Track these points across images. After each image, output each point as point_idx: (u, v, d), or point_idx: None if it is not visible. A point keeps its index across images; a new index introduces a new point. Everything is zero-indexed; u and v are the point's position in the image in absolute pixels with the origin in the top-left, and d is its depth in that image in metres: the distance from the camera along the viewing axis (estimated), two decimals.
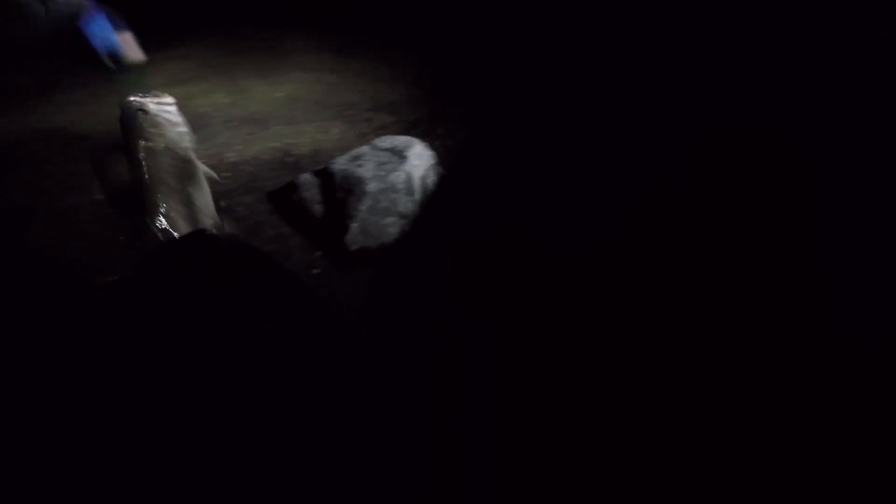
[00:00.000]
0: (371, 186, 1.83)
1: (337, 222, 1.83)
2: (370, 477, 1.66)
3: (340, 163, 1.98)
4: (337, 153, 2.37)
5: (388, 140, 2.13)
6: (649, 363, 2.70)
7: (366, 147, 2.10)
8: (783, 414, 2.49)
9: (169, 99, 2.44)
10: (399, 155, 2.00)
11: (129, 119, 2.31)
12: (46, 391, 2.35)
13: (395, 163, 1.96)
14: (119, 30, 3.34)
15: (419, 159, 2.03)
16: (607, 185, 3.45)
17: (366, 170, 1.89)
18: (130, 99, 2.38)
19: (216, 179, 2.34)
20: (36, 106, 3.94)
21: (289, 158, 2.66)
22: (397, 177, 1.88)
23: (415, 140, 2.14)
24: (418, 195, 1.90)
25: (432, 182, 2.01)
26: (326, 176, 1.97)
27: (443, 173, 2.02)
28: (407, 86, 3.85)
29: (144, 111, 2.28)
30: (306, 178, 2.06)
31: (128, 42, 3.38)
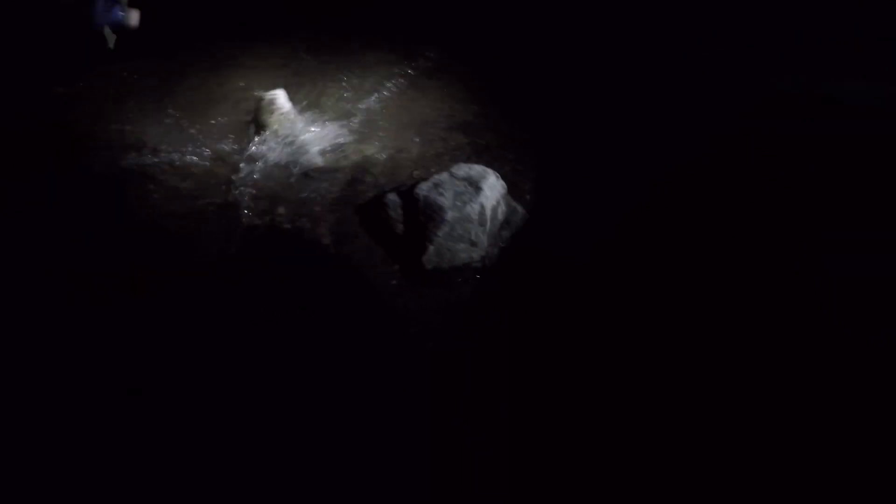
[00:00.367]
0: (449, 215, 2.00)
1: (416, 242, 2.03)
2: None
3: (424, 189, 2.12)
4: (417, 171, 2.68)
5: (465, 169, 2.27)
6: (646, 358, 2.72)
7: (445, 174, 2.26)
8: (782, 409, 2.47)
9: (281, 92, 3.71)
10: (475, 186, 2.13)
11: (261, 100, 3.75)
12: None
13: (471, 194, 2.09)
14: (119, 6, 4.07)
15: (492, 191, 2.16)
16: (610, 187, 3.49)
17: (445, 199, 2.03)
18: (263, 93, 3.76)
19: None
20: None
21: (372, 171, 2.88)
22: (472, 208, 2.03)
23: (489, 171, 2.30)
24: (489, 225, 2.07)
25: (502, 213, 2.21)
26: (410, 199, 2.12)
27: (512, 205, 2.36)
28: (479, 104, 3.90)
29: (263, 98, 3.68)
30: (392, 199, 2.22)
31: (131, 15, 4.07)
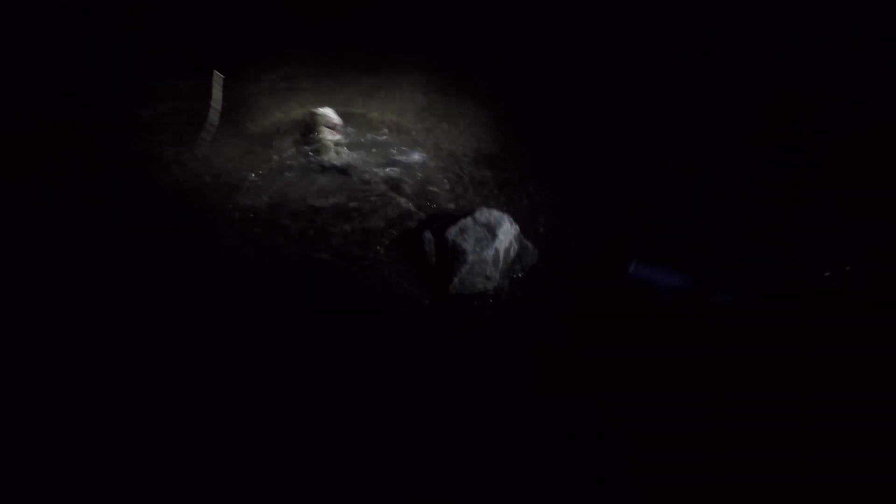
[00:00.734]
0: (470, 258, 2.64)
1: (445, 274, 2.67)
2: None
3: (452, 234, 2.72)
4: (450, 204, 3.24)
5: (486, 215, 2.80)
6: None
7: (469, 220, 2.80)
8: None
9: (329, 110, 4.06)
10: (492, 232, 2.70)
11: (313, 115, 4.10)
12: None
13: (488, 240, 2.67)
14: None
15: (505, 235, 2.73)
16: (614, 223, 3.55)
17: (468, 244, 2.66)
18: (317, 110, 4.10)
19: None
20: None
21: (413, 202, 3.33)
22: (488, 253, 2.66)
23: (504, 218, 2.82)
24: (501, 264, 2.69)
25: (514, 251, 2.80)
26: (442, 240, 2.75)
27: (524, 243, 2.91)
28: (505, 136, 4.13)
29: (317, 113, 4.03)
30: (428, 237, 2.83)
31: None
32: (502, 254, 2.66)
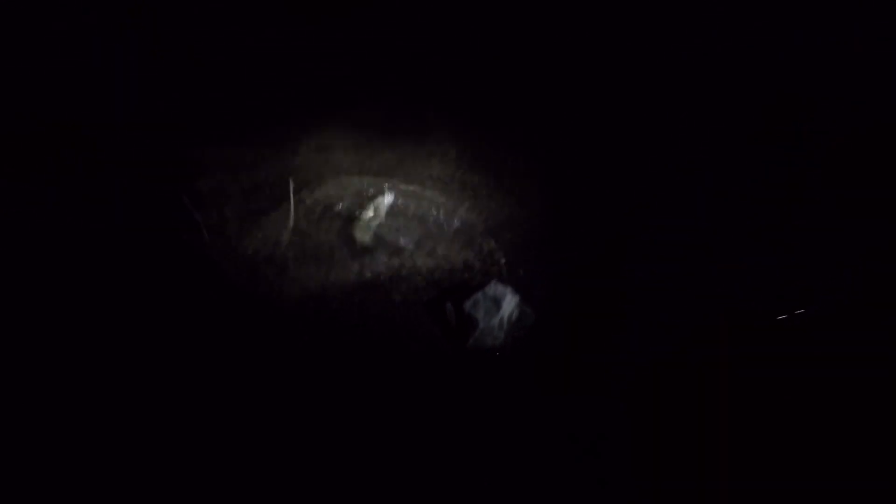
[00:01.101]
0: (481, 325, 3.56)
1: (462, 334, 3.61)
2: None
3: (468, 306, 3.61)
4: (466, 274, 3.98)
5: (493, 289, 3.67)
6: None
7: (480, 294, 3.67)
8: None
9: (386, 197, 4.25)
10: (497, 305, 3.59)
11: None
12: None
13: (495, 311, 3.57)
14: None
15: (508, 305, 3.60)
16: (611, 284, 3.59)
17: (479, 315, 3.57)
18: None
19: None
20: None
21: (432, 273, 3.98)
22: (495, 321, 3.56)
23: (507, 291, 3.70)
24: (506, 327, 3.60)
25: (515, 316, 3.64)
26: (460, 309, 3.63)
27: (524, 309, 3.73)
28: (512, 205, 4.42)
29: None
30: (448, 307, 3.68)
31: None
32: (506, 319, 3.56)
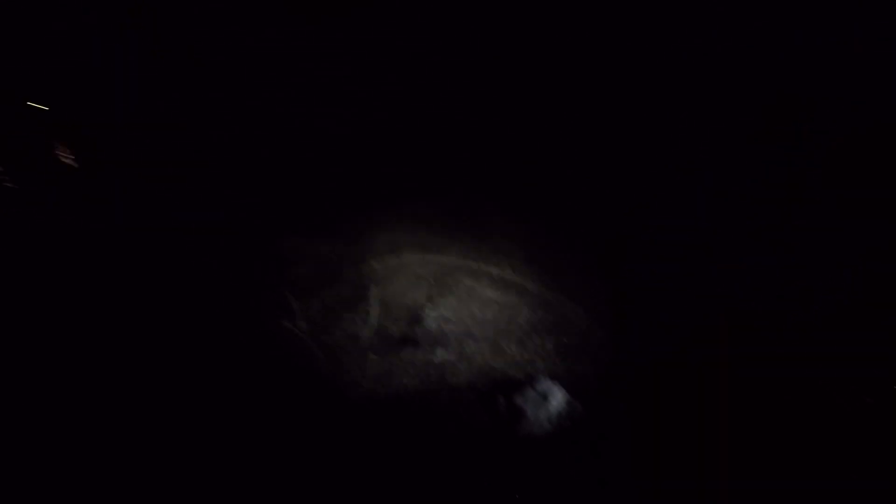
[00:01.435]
0: (529, 415, 3.79)
1: (513, 421, 3.83)
2: None
3: (519, 400, 3.85)
4: (512, 371, 4.15)
5: (542, 385, 3.90)
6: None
7: (531, 390, 3.89)
8: None
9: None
10: (545, 398, 3.84)
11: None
12: None
13: (543, 405, 3.83)
14: None
15: (556, 400, 3.83)
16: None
17: (528, 408, 3.82)
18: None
19: None
20: None
21: (484, 368, 4.18)
22: (542, 413, 3.81)
23: (554, 387, 3.90)
24: (553, 417, 3.78)
25: (562, 407, 3.84)
26: (511, 401, 3.88)
27: (570, 401, 3.84)
28: (568, 306, 4.47)
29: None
30: (501, 400, 3.93)
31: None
32: (553, 411, 3.86)
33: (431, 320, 4.43)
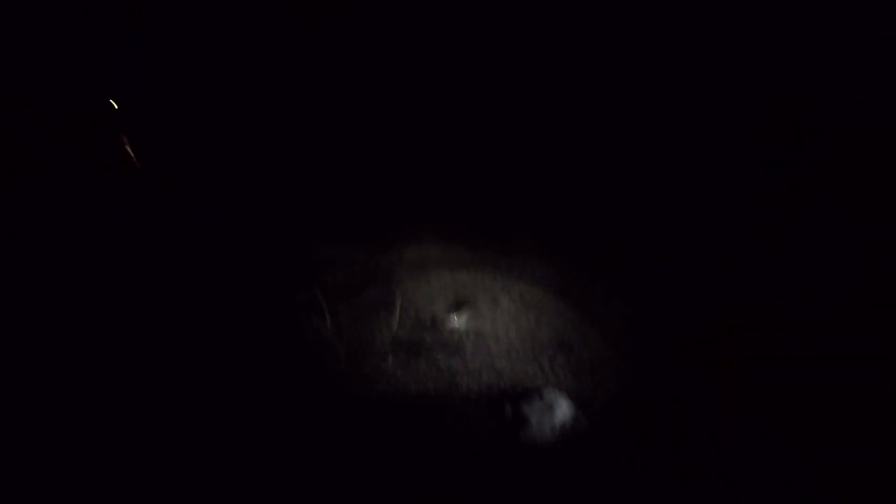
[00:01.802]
0: (534, 424, 3.82)
1: (518, 428, 3.83)
2: None
3: (525, 410, 3.89)
4: (527, 383, 4.20)
5: (550, 396, 3.92)
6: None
7: (538, 401, 3.93)
8: None
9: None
10: (552, 409, 3.86)
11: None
12: None
13: (550, 415, 3.85)
14: None
15: (562, 411, 3.85)
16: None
17: (533, 417, 3.85)
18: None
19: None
20: None
21: (501, 381, 4.21)
22: (546, 423, 3.85)
23: (561, 399, 3.90)
24: (557, 428, 3.81)
25: (566, 419, 3.85)
26: (519, 413, 3.92)
27: (576, 413, 3.81)
28: (585, 325, 4.48)
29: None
30: (508, 409, 3.97)
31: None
32: (557, 422, 3.93)
33: (451, 329, 4.54)
